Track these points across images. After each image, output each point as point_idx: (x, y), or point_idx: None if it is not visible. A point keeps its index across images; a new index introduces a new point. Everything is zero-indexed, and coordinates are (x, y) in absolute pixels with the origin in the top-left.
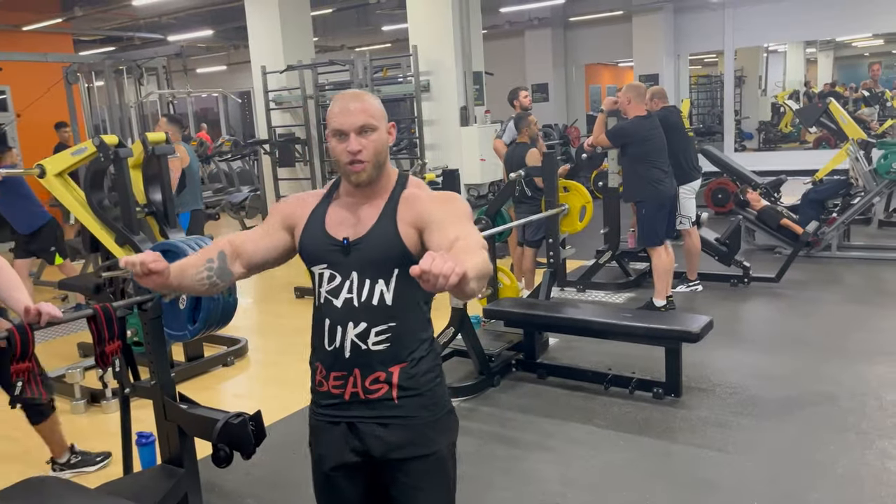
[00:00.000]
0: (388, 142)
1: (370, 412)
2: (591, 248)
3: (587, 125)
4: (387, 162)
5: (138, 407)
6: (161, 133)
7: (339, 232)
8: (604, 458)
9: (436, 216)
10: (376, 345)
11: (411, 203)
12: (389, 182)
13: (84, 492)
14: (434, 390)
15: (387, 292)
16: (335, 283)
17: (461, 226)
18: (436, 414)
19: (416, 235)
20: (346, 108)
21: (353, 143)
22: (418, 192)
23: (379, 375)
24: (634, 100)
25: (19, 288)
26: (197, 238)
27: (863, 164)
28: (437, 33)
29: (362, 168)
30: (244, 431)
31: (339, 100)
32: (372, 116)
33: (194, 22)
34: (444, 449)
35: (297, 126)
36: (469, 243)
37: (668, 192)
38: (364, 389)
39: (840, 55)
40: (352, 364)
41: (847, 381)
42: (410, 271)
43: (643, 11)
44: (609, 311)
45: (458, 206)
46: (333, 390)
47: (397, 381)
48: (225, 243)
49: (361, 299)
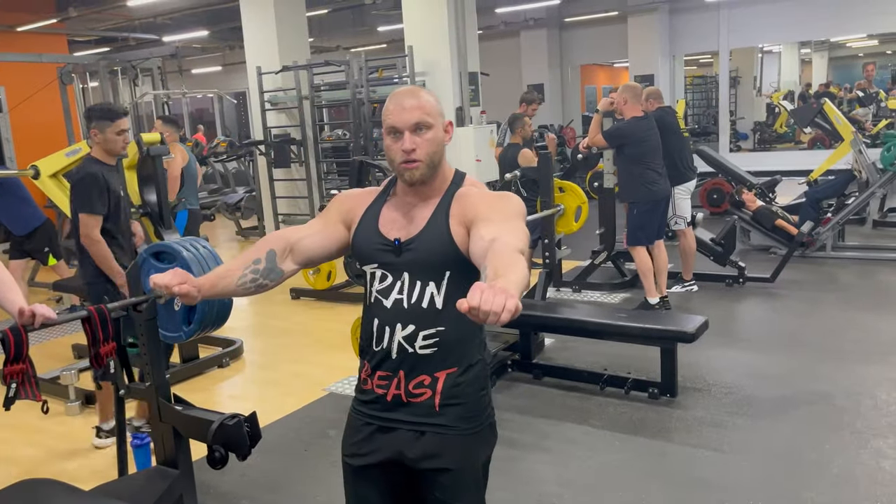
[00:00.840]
0: (444, 140)
1: (410, 417)
2: (587, 249)
3: (583, 126)
4: (443, 161)
5: (134, 408)
6: (156, 134)
7: (392, 232)
8: (600, 458)
9: (482, 213)
10: (423, 349)
11: (463, 201)
12: (445, 181)
13: (78, 493)
14: (478, 402)
15: (437, 295)
16: (386, 283)
17: (504, 224)
18: (475, 427)
19: (466, 234)
20: (400, 105)
21: (407, 141)
22: (471, 190)
23: (423, 380)
24: (631, 100)
25: (13, 289)
26: (192, 239)
27: (866, 157)
28: (432, 34)
29: (416, 167)
30: (239, 433)
31: (395, 97)
32: (427, 114)
33: (189, 22)
34: (479, 463)
35: (293, 127)
36: (506, 247)
37: (661, 193)
38: (407, 392)
39: (834, 56)
40: (397, 366)
41: (842, 381)
42: (458, 306)
43: (638, 12)
44: (605, 311)
45: (508, 204)
46: (377, 389)
47: (441, 388)
48: (276, 240)
49: (411, 301)
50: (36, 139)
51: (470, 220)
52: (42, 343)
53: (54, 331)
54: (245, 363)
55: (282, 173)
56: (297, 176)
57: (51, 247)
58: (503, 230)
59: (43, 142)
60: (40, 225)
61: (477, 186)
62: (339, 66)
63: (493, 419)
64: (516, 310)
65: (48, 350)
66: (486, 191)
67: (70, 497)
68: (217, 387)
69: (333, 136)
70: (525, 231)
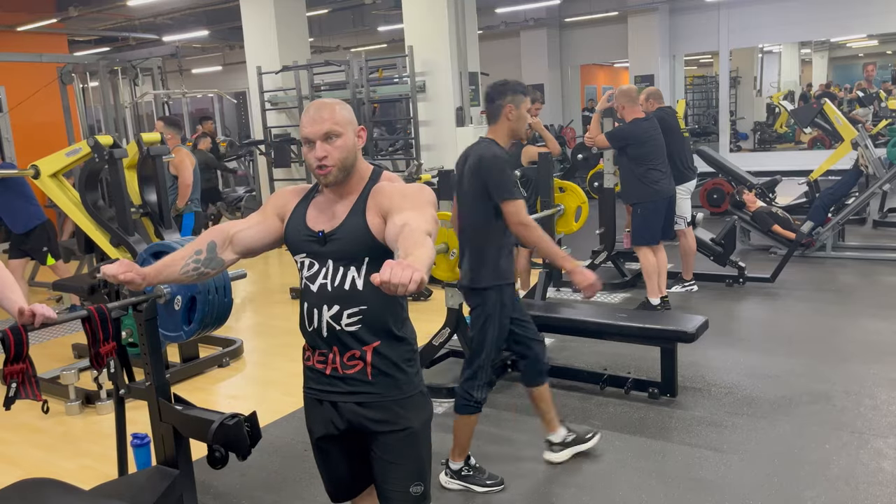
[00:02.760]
0: (355, 145)
1: (348, 388)
2: (587, 249)
3: (583, 126)
4: (356, 162)
5: (133, 408)
6: (156, 134)
7: (317, 225)
8: (599, 457)
9: (396, 203)
10: (349, 326)
11: (378, 194)
12: (362, 179)
13: (78, 493)
14: (406, 371)
15: (358, 278)
16: (313, 270)
17: (414, 211)
18: (407, 393)
19: (383, 223)
20: (312, 118)
21: (318, 149)
22: (385, 185)
23: (354, 353)
24: (627, 105)
25: (13, 289)
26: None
27: (871, 152)
28: (432, 34)
29: (328, 171)
30: (239, 432)
31: (308, 110)
32: (336, 123)
33: (189, 22)
34: (416, 426)
35: (293, 126)
36: (414, 230)
37: (665, 192)
38: (342, 365)
39: (835, 56)
40: (330, 342)
41: (842, 381)
42: (371, 279)
43: (638, 12)
44: (604, 311)
45: (418, 194)
46: (317, 365)
47: (370, 360)
48: (216, 233)
49: (335, 284)
50: (36, 139)
51: (386, 211)
52: (42, 343)
53: (54, 330)
54: (245, 363)
55: (282, 173)
56: (297, 176)
57: (49, 246)
58: (413, 217)
59: (43, 142)
60: (40, 224)
61: (393, 181)
62: (339, 66)
63: (425, 388)
64: (422, 281)
65: (48, 350)
66: (401, 184)
67: (70, 497)
68: (217, 387)
69: None
70: (433, 216)
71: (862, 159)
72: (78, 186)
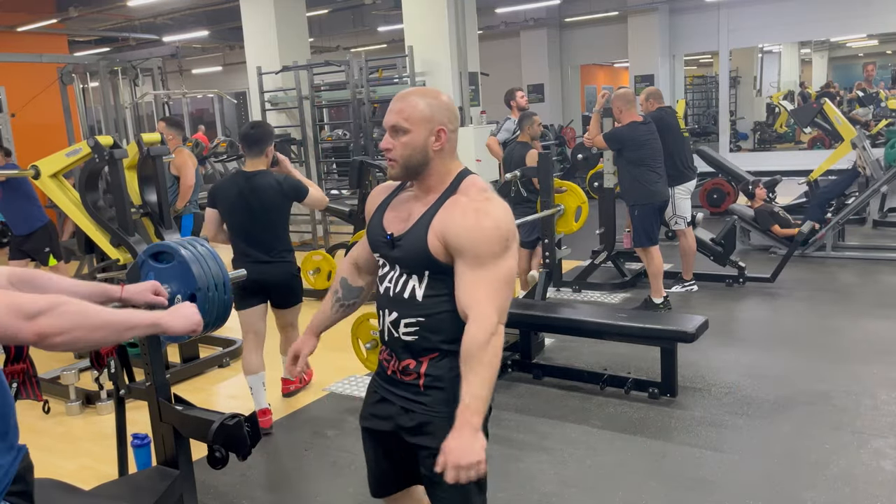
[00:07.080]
0: (426, 145)
1: (402, 393)
2: (587, 249)
3: (582, 126)
4: (431, 163)
5: (134, 408)
6: (156, 134)
7: (390, 226)
8: (600, 458)
9: (462, 243)
10: (406, 335)
11: (447, 212)
12: (442, 182)
13: (78, 493)
14: (459, 388)
15: (418, 288)
16: (384, 270)
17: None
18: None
19: (443, 249)
20: (390, 107)
21: (385, 140)
22: (458, 200)
23: (409, 363)
24: (625, 108)
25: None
26: (192, 239)
27: (869, 153)
28: (432, 34)
29: (392, 164)
30: (240, 433)
31: (396, 96)
32: (406, 119)
33: (189, 22)
34: None
35: (293, 127)
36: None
37: (660, 195)
38: (400, 371)
39: (835, 56)
40: (391, 347)
41: (842, 381)
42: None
43: (638, 12)
44: (605, 311)
45: (486, 234)
46: (384, 363)
47: (424, 371)
48: (344, 268)
49: (396, 290)
50: (36, 139)
51: (448, 244)
52: None
53: None
54: None
55: None
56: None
57: (51, 247)
58: (479, 298)
59: (43, 142)
60: (42, 226)
61: (467, 193)
62: (339, 66)
63: None
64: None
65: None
66: (472, 204)
67: (70, 497)
68: (217, 387)
69: (333, 137)
70: (506, 273)
71: (860, 161)
72: (78, 187)
